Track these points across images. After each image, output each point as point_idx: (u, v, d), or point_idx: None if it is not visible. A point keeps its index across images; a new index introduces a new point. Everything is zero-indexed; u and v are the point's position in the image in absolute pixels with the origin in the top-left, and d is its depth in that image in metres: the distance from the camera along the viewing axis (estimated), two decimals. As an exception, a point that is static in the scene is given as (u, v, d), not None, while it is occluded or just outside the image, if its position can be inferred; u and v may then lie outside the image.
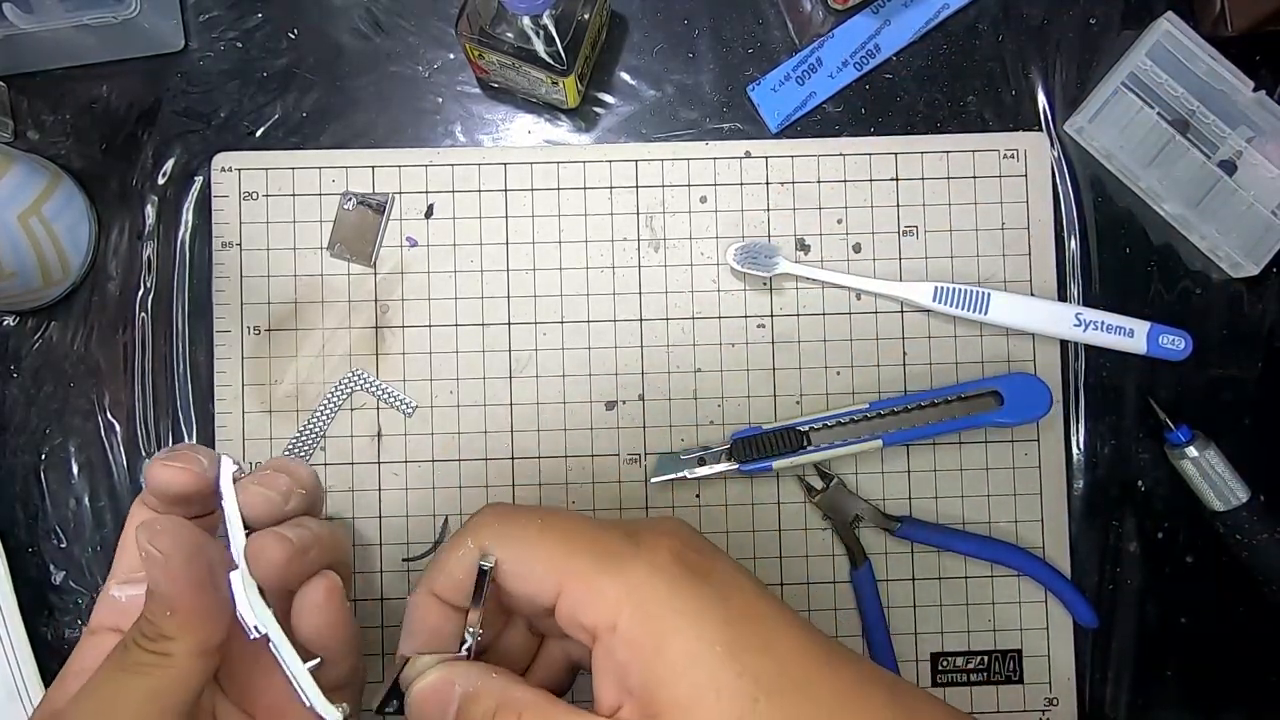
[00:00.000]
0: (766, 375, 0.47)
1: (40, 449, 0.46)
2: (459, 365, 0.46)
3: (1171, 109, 0.47)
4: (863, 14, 0.48)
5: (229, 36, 0.48)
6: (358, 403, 0.46)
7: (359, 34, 0.48)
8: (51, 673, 0.45)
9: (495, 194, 0.47)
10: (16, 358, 0.47)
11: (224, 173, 0.47)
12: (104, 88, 0.47)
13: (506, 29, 0.42)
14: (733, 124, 0.48)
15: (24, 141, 0.47)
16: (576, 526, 0.32)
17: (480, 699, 0.30)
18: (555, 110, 0.48)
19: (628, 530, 0.32)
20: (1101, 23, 0.48)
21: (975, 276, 0.47)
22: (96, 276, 0.47)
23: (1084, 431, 0.47)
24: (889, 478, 0.47)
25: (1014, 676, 0.46)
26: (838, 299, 0.47)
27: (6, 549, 0.45)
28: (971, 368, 0.47)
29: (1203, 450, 0.45)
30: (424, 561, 0.46)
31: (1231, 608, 0.47)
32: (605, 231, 0.47)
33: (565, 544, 0.31)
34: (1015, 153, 0.48)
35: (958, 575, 0.46)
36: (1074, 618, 0.46)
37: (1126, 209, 0.48)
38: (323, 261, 0.47)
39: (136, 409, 0.46)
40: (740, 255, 0.46)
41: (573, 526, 0.32)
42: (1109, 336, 0.46)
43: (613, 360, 0.47)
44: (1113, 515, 0.47)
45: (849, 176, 0.47)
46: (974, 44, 0.48)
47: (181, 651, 0.31)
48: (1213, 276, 0.48)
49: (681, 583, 0.30)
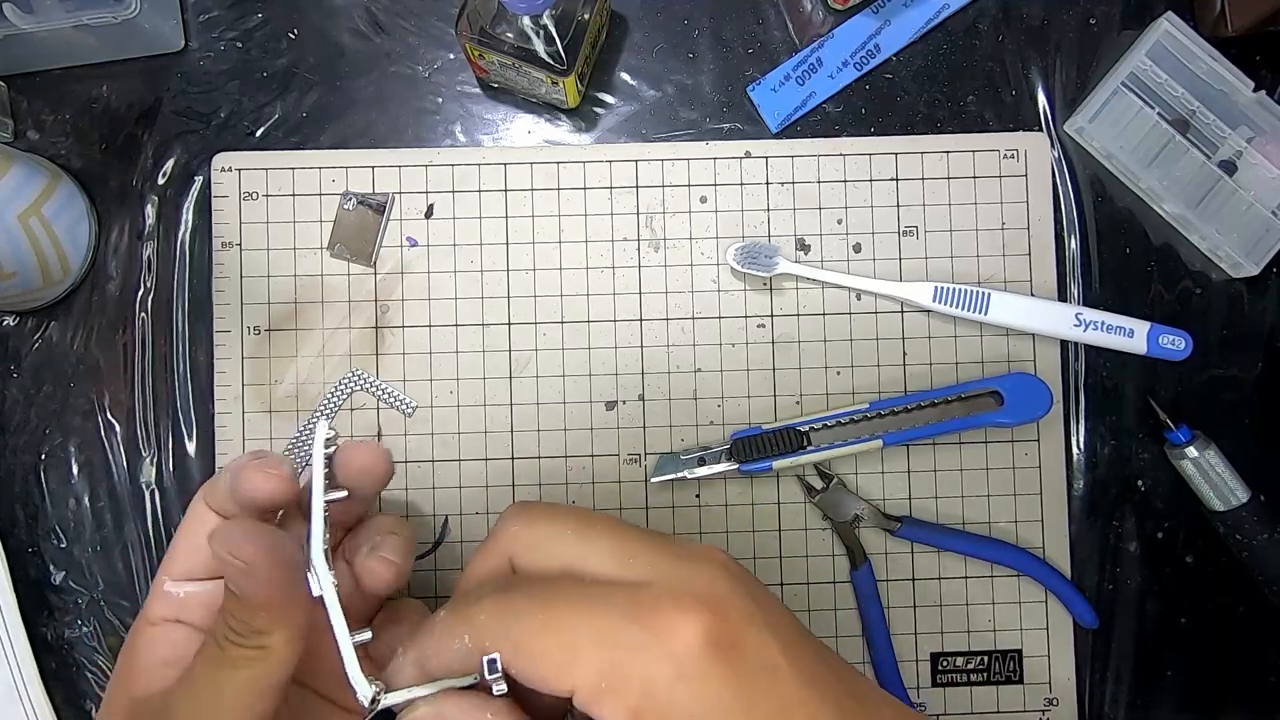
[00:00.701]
0: (766, 375, 0.47)
1: (40, 449, 0.46)
2: (459, 365, 0.46)
3: (1171, 109, 0.47)
4: (863, 14, 0.48)
5: (229, 36, 0.48)
6: (358, 402, 0.46)
7: (359, 34, 0.48)
8: (52, 673, 0.45)
9: (495, 194, 0.47)
10: (16, 358, 0.47)
11: (224, 173, 0.47)
12: (104, 88, 0.47)
13: (506, 29, 0.42)
14: (733, 124, 0.48)
15: (24, 141, 0.47)
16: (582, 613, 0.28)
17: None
18: (555, 110, 0.48)
19: (653, 592, 0.28)
20: (1101, 23, 0.48)
21: (975, 276, 0.47)
22: (96, 276, 0.47)
23: (1084, 431, 0.47)
24: (889, 478, 0.47)
25: (1014, 677, 0.46)
26: (838, 299, 0.47)
27: (6, 549, 0.45)
28: (971, 368, 0.47)
29: (1203, 450, 0.45)
30: (423, 561, 0.46)
31: (1231, 608, 0.47)
32: (605, 231, 0.47)
33: (569, 648, 0.28)
34: (1015, 153, 0.48)
35: (958, 575, 0.46)
36: (1074, 618, 0.46)
37: (1126, 209, 0.48)
38: (323, 261, 0.47)
39: (136, 409, 0.46)
40: (740, 255, 0.46)
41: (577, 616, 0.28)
42: (1109, 336, 0.46)
43: (613, 360, 0.47)
44: (1113, 515, 0.47)
45: (849, 176, 0.47)
46: (974, 44, 0.48)
47: (278, 642, 0.31)
48: (1213, 276, 0.48)
49: (708, 678, 0.27)
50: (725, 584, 0.29)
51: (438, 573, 0.46)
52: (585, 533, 0.31)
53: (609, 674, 0.27)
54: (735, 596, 0.29)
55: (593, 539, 0.31)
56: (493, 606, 0.29)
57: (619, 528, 0.31)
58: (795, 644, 0.29)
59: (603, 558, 0.30)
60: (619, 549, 0.30)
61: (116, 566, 0.46)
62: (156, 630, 0.35)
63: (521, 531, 0.31)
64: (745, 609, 0.29)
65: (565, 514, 0.32)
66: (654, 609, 0.28)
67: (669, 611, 0.28)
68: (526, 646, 0.28)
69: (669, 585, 0.29)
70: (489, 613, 0.29)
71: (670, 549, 0.30)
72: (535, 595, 0.29)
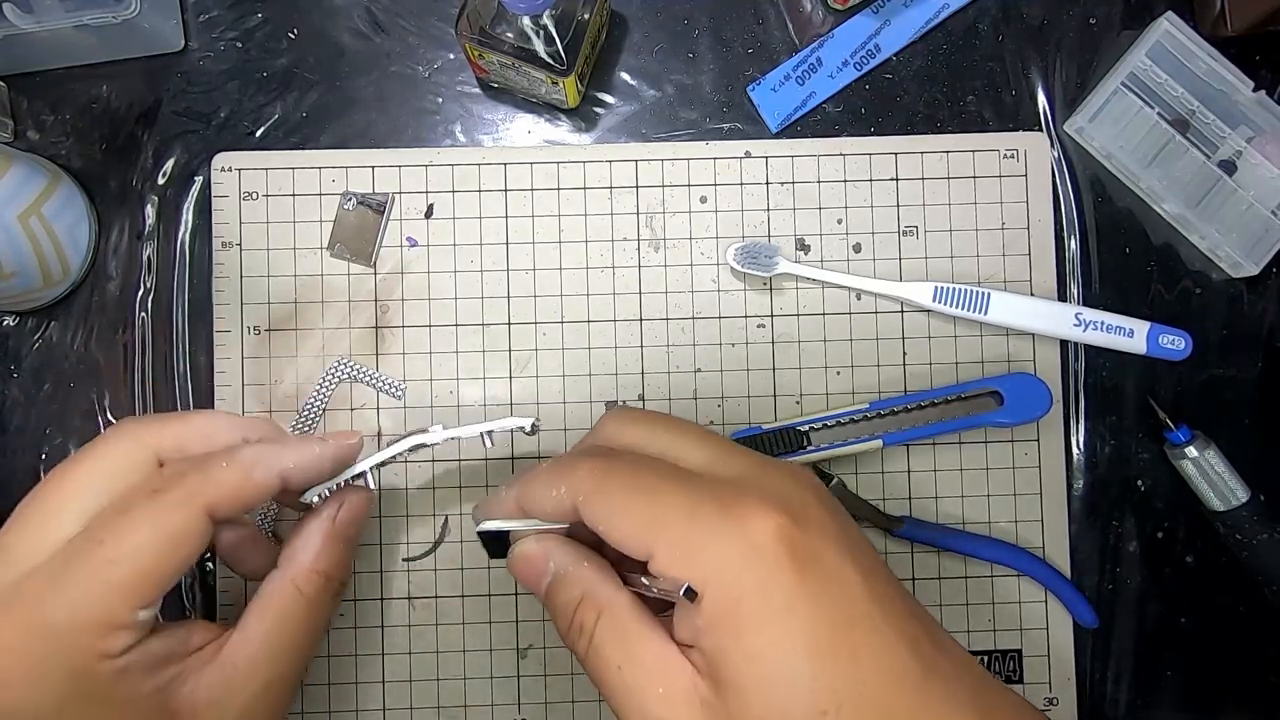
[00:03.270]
0: (766, 375, 0.47)
1: (40, 449, 0.46)
2: (459, 365, 0.46)
3: (1171, 109, 0.47)
4: (863, 14, 0.48)
5: (229, 36, 0.48)
6: (358, 401, 0.46)
7: (359, 34, 0.48)
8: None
9: (495, 194, 0.47)
10: (16, 358, 0.47)
11: (224, 173, 0.47)
12: (104, 88, 0.47)
13: (506, 29, 0.42)
14: (733, 124, 0.48)
15: (24, 141, 0.47)
16: (671, 487, 0.30)
17: (568, 585, 0.31)
18: (555, 110, 0.48)
19: (738, 487, 0.30)
20: (1101, 23, 0.48)
21: (975, 276, 0.47)
22: (96, 276, 0.47)
23: (1084, 431, 0.47)
24: (889, 478, 0.47)
25: (1014, 676, 0.46)
26: (838, 299, 0.47)
27: (6, 549, 0.45)
28: (971, 368, 0.47)
29: (1203, 450, 0.45)
30: (423, 561, 0.46)
31: (1231, 608, 0.47)
32: (605, 231, 0.47)
33: (653, 511, 0.29)
34: (1015, 153, 0.48)
35: (958, 575, 0.46)
36: (1074, 618, 0.46)
37: (1126, 209, 0.48)
38: (323, 261, 0.47)
39: (136, 409, 0.46)
40: (740, 255, 0.46)
41: (666, 487, 0.30)
42: (1109, 336, 0.46)
43: (613, 360, 0.47)
44: (1113, 515, 0.47)
45: (849, 176, 0.47)
46: (974, 44, 0.48)
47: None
48: (1213, 276, 0.48)
49: (776, 573, 0.28)
50: (812, 496, 0.30)
51: (438, 573, 0.46)
52: (682, 434, 0.32)
53: (685, 546, 0.29)
54: (818, 509, 0.30)
55: (688, 440, 0.32)
56: (591, 465, 0.31)
57: (714, 436, 0.33)
58: (871, 568, 0.30)
59: (697, 455, 0.32)
60: (713, 450, 0.32)
61: (116, 566, 0.46)
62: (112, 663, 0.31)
63: (620, 428, 0.33)
64: (824, 523, 0.30)
65: (663, 418, 0.34)
66: (737, 500, 0.29)
67: (751, 505, 0.29)
68: (616, 507, 0.30)
69: (756, 485, 0.30)
70: (587, 469, 0.31)
71: (762, 460, 0.32)
72: (632, 464, 0.31)
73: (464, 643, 0.45)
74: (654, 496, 0.30)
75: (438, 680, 0.45)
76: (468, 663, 0.45)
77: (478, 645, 0.45)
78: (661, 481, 0.30)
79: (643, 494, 0.30)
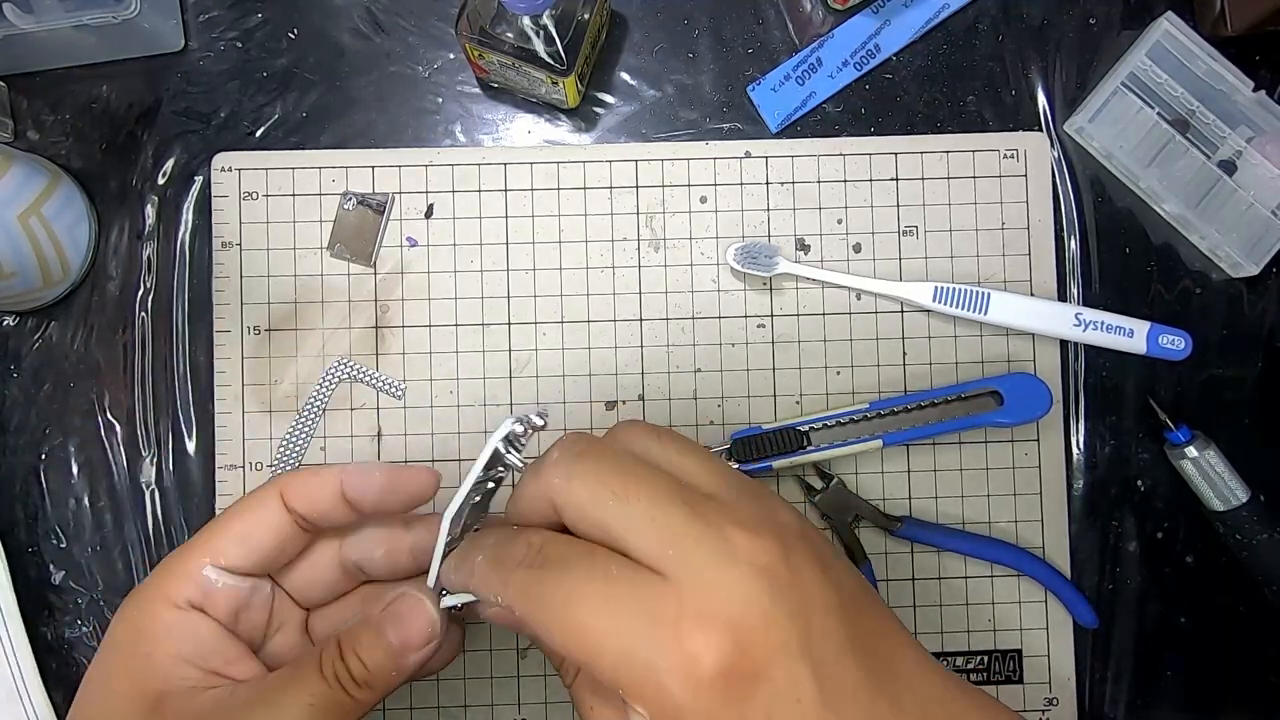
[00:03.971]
0: (766, 375, 0.47)
1: (40, 449, 0.46)
2: (459, 365, 0.46)
3: (1171, 109, 0.47)
4: (863, 14, 0.48)
5: (229, 36, 0.48)
6: (358, 401, 0.46)
7: (359, 34, 0.48)
8: (52, 673, 0.45)
9: (495, 194, 0.47)
10: (16, 358, 0.47)
11: (224, 173, 0.47)
12: (104, 88, 0.47)
13: (506, 29, 0.42)
14: (733, 124, 0.48)
15: (24, 141, 0.47)
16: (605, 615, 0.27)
17: None
18: (555, 110, 0.48)
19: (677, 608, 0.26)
20: (1101, 23, 0.48)
21: (975, 276, 0.47)
22: (96, 276, 0.47)
23: (1084, 431, 0.47)
24: (889, 478, 0.47)
25: (1014, 676, 0.46)
26: (838, 299, 0.47)
27: (6, 549, 0.45)
28: (971, 368, 0.47)
29: (1202, 450, 0.45)
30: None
31: (1231, 608, 0.47)
32: (605, 231, 0.47)
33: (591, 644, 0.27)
34: (1015, 153, 0.48)
35: (958, 575, 0.46)
36: (1074, 618, 0.46)
37: (1126, 209, 0.48)
38: (323, 261, 0.47)
39: (136, 409, 0.46)
40: (740, 255, 0.46)
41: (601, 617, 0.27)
42: (1109, 336, 0.46)
43: (613, 360, 0.47)
44: (1113, 515, 0.47)
45: (849, 176, 0.47)
46: (974, 44, 0.48)
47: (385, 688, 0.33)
48: (1213, 276, 0.48)
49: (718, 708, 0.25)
50: (766, 600, 0.26)
51: (438, 573, 0.46)
52: (627, 501, 0.28)
53: (626, 672, 0.26)
54: (771, 618, 0.26)
55: (635, 510, 0.28)
56: (521, 584, 0.29)
57: (666, 500, 0.28)
58: (833, 665, 0.27)
59: (642, 535, 0.28)
60: (660, 532, 0.27)
61: (116, 566, 0.46)
62: (178, 616, 0.32)
63: (562, 487, 0.29)
64: (779, 634, 0.26)
65: (611, 471, 0.29)
66: (676, 622, 0.26)
67: (691, 628, 0.26)
68: (553, 632, 0.27)
69: (701, 595, 0.26)
70: (518, 588, 0.29)
71: (717, 538, 0.27)
72: (561, 584, 0.28)
73: (464, 642, 0.45)
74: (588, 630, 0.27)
75: (437, 680, 0.45)
76: (468, 663, 0.45)
77: (478, 645, 0.45)
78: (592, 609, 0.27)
79: (576, 629, 0.27)
